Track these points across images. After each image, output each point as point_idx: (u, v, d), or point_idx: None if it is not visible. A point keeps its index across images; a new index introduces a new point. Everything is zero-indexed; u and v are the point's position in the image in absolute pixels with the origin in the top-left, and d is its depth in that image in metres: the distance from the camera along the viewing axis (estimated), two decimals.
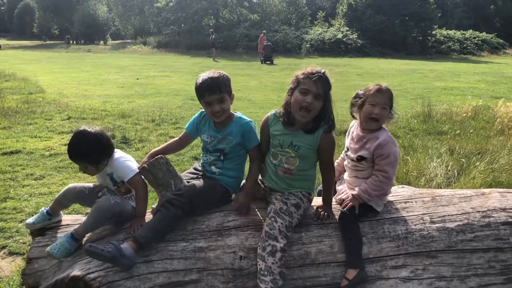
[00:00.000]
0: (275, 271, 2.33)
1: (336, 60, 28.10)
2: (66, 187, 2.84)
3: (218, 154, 2.77)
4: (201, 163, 2.93)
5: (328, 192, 2.68)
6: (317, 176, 2.78)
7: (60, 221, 2.86)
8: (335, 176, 2.74)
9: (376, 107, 2.58)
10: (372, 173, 2.62)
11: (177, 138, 2.97)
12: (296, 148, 2.57)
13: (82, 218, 2.84)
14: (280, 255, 2.35)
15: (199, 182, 2.72)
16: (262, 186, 2.82)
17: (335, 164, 2.97)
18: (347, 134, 2.86)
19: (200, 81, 2.62)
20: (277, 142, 2.63)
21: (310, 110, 2.47)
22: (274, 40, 31.96)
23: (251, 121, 2.78)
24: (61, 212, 2.89)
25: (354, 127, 2.80)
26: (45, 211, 2.79)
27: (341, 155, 2.96)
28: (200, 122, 2.86)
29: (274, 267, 2.33)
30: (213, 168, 2.80)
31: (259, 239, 2.43)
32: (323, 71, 2.49)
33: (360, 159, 2.66)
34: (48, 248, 2.49)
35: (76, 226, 2.64)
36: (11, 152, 6.11)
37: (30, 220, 2.79)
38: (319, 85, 2.45)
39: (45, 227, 2.80)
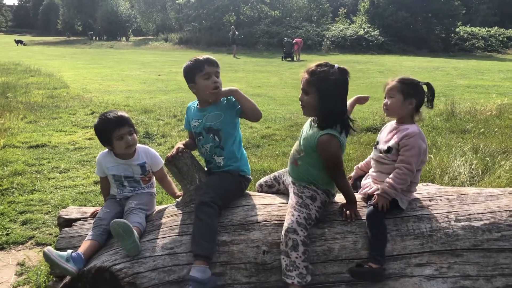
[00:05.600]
0: (300, 265, 2.32)
1: (357, 57, 27.85)
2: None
3: (212, 135, 2.74)
4: (205, 164, 2.92)
5: (344, 196, 2.64)
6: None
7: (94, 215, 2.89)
8: (344, 182, 2.61)
9: (385, 99, 2.71)
10: (395, 167, 2.60)
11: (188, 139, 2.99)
12: (303, 138, 2.60)
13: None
14: (303, 249, 2.34)
15: (214, 176, 2.75)
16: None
17: (363, 163, 2.98)
18: (382, 129, 2.86)
19: (199, 57, 2.74)
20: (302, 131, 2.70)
21: (304, 106, 2.55)
22: (294, 37, 31.82)
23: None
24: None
25: (390, 122, 2.80)
26: None
27: (367, 158, 2.96)
28: (189, 114, 2.90)
29: (299, 261, 2.33)
30: (216, 158, 2.78)
31: (281, 237, 2.43)
32: (312, 67, 2.49)
33: (388, 150, 2.64)
34: None
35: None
36: (37, 146, 6.25)
37: None
38: (305, 80, 2.49)
39: (72, 219, 2.86)
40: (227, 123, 2.75)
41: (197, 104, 2.86)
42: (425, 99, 2.68)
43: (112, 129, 2.69)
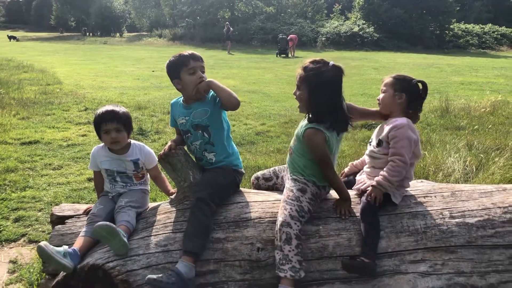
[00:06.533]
0: (293, 259, 2.32)
1: (352, 54, 27.87)
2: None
3: (201, 132, 2.71)
4: (196, 161, 2.87)
5: (336, 191, 2.64)
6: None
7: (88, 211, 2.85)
8: (334, 177, 2.60)
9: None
10: (387, 161, 2.60)
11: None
12: (297, 128, 2.67)
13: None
14: (296, 243, 2.33)
15: (208, 173, 2.73)
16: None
17: (359, 161, 2.97)
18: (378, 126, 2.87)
19: (183, 52, 2.72)
20: None
21: (298, 101, 2.59)
22: (289, 33, 31.78)
23: None
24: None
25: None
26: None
27: (363, 157, 2.97)
28: (174, 112, 2.85)
29: (292, 255, 2.32)
30: (207, 155, 2.75)
31: (275, 232, 2.42)
32: (306, 63, 2.52)
33: (378, 143, 2.66)
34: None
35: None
36: (30, 142, 6.21)
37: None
38: (298, 76, 2.54)
39: (65, 216, 2.83)
40: (215, 119, 2.71)
41: (182, 101, 2.81)
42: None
43: (100, 122, 2.70)
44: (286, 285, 2.32)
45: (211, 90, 2.69)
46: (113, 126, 2.67)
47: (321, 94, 2.48)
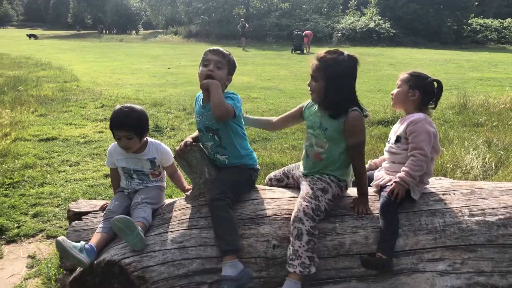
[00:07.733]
0: (303, 255, 2.30)
1: (368, 50, 27.59)
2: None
3: (212, 135, 2.66)
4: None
5: (359, 181, 2.60)
6: (350, 165, 2.72)
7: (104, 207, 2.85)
8: (364, 165, 2.64)
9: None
10: (406, 156, 2.58)
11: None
12: (324, 130, 2.57)
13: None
14: (307, 239, 2.31)
15: (223, 172, 2.72)
16: (298, 171, 2.84)
17: (378, 160, 2.94)
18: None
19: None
20: (310, 123, 2.68)
21: (312, 92, 2.57)
22: (304, 29, 31.62)
23: (234, 93, 2.67)
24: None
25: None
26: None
27: (382, 156, 2.94)
28: (196, 107, 2.82)
29: (301, 251, 2.30)
30: (219, 157, 2.72)
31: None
32: (322, 53, 2.51)
33: (396, 140, 2.66)
34: None
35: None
36: (48, 139, 6.28)
37: None
38: (314, 66, 2.51)
39: (82, 212, 2.85)
40: (225, 123, 2.63)
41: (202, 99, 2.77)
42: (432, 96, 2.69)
43: (112, 127, 2.69)
44: (293, 280, 2.32)
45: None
46: (123, 134, 2.65)
47: (339, 85, 2.47)
